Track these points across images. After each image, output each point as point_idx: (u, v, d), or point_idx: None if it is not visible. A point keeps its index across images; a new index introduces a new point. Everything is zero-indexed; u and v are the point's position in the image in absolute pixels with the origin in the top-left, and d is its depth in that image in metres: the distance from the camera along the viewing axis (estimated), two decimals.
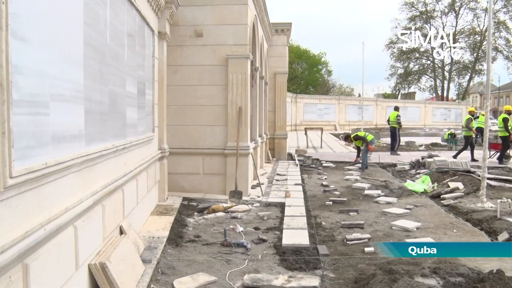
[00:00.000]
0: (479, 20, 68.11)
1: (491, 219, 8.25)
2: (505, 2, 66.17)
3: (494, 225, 7.93)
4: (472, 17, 70.93)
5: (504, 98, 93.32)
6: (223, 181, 10.01)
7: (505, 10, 66.76)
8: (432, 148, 24.01)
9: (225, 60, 9.91)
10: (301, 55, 65.57)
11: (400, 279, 4.42)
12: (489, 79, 10.44)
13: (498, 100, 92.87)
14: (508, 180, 11.96)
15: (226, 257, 5.88)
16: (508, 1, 66.04)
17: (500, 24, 66.72)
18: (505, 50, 68.29)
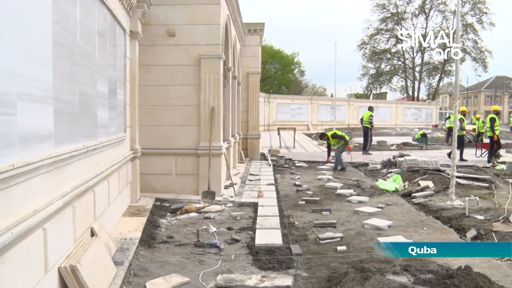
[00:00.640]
0: (448, 22, 69.60)
1: (460, 217, 8.44)
2: (472, 5, 67.80)
3: (463, 223, 8.12)
4: (442, 19, 72.34)
5: (472, 98, 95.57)
6: (196, 181, 9.96)
7: (472, 13, 68.44)
8: (403, 147, 24.36)
9: (198, 60, 9.86)
10: (274, 55, 65.75)
11: (372, 277, 4.47)
12: (457, 80, 10.66)
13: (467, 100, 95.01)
14: (476, 178, 12.23)
15: (199, 258, 5.85)
16: (475, 4, 67.69)
17: (468, 27, 68.32)
18: (472, 52, 69.99)
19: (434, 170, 13.15)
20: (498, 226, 7.61)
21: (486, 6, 67.92)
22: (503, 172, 14.22)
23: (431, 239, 6.89)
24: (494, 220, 8.02)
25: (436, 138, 29.30)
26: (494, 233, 7.30)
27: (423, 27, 72.32)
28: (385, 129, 43.06)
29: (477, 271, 4.82)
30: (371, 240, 6.80)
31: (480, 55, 70.11)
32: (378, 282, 4.34)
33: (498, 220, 7.98)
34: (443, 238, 6.99)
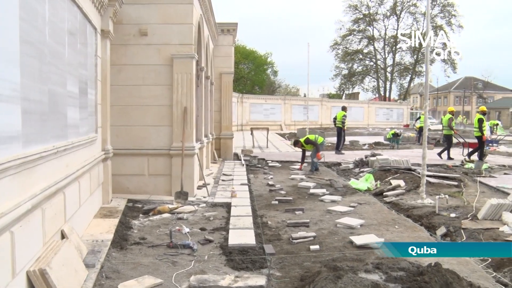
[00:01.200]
0: (418, 24, 70.94)
1: (430, 215, 8.60)
2: (441, 8, 69.18)
3: (433, 220, 8.28)
4: (412, 20, 73.58)
5: (442, 98, 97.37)
6: (168, 182, 9.89)
7: (441, 15, 69.82)
8: (375, 147, 24.65)
9: (170, 59, 9.79)
10: (248, 55, 65.74)
11: (344, 275, 4.51)
12: (427, 81, 10.86)
13: (437, 101, 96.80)
14: (446, 177, 12.47)
15: (172, 259, 5.81)
16: (444, 7, 69.09)
17: (438, 29, 69.54)
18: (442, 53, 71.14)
19: (405, 169, 13.35)
20: (466, 224, 7.78)
21: (455, 9, 69.50)
22: (471, 170, 14.53)
23: (402, 237, 7.00)
24: (463, 217, 8.20)
25: (407, 137, 29.75)
26: (463, 230, 7.47)
27: (395, 28, 73.57)
28: (358, 129, 43.53)
29: (447, 267, 4.93)
30: (343, 239, 6.87)
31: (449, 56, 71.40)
32: (350, 281, 4.38)
33: (467, 217, 8.16)
34: (414, 236, 7.10)
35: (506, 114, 75.44)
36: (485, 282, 5.10)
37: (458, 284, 4.53)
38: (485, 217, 8.03)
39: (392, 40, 73.45)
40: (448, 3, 69.13)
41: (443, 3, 69.23)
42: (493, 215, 7.98)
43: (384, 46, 74.57)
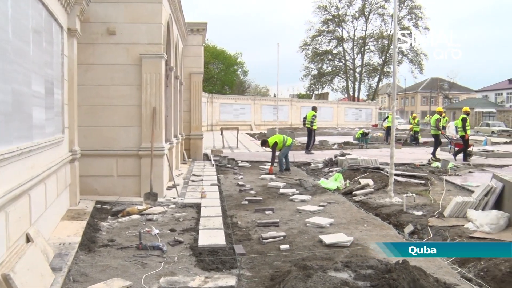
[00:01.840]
0: (386, 25, 72.14)
1: (398, 213, 8.76)
2: (408, 10, 70.49)
3: (401, 219, 8.43)
4: (380, 22, 74.81)
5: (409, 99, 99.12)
6: (137, 183, 9.77)
7: (409, 17, 71.14)
8: (344, 146, 24.91)
9: (139, 59, 9.68)
10: (217, 55, 65.63)
11: (314, 274, 4.54)
12: (395, 81, 11.03)
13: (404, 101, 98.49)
14: (413, 176, 12.70)
15: (141, 261, 5.74)
16: (411, 9, 70.41)
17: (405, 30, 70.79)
18: (409, 54, 72.70)
19: (374, 169, 13.55)
20: (433, 221, 7.95)
21: (422, 11, 70.94)
22: (438, 169, 14.84)
23: (370, 236, 7.09)
24: (430, 215, 8.38)
25: (375, 137, 30.19)
26: (429, 228, 7.63)
27: (363, 29, 74.65)
28: (327, 129, 43.89)
29: (414, 264, 5.02)
30: (313, 238, 6.92)
31: (416, 57, 72.95)
32: (320, 279, 4.42)
33: (433, 215, 8.34)
34: (382, 234, 7.21)
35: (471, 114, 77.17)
36: (450, 278, 5.23)
37: (425, 280, 4.62)
38: (451, 214, 8.22)
39: (361, 41, 74.48)
40: (415, 5, 70.58)
41: (410, 5, 70.60)
42: (459, 213, 8.18)
43: (353, 47, 75.59)
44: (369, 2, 72.44)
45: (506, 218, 7.43)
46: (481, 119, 71.63)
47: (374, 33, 74.33)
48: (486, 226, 7.27)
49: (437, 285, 4.70)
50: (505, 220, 7.39)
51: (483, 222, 7.37)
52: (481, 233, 7.15)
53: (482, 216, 7.58)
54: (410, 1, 70.03)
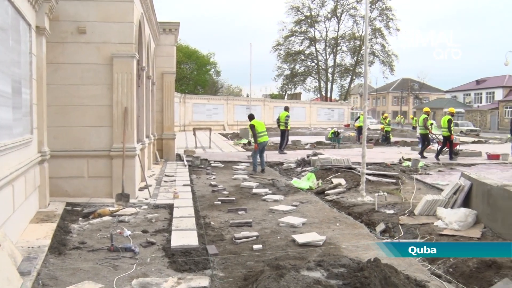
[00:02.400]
0: (358, 26, 72.93)
1: (370, 212, 8.88)
2: (380, 11, 71.41)
3: (373, 217, 8.55)
4: (352, 23, 75.55)
5: (381, 99, 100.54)
6: (109, 184, 9.65)
7: (380, 18, 72.06)
8: (316, 146, 25.08)
9: (110, 59, 9.56)
10: (190, 55, 65.32)
11: (287, 273, 4.56)
12: (366, 81, 11.16)
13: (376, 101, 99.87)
14: (384, 175, 12.87)
15: (113, 263, 5.67)
16: (382, 10, 71.34)
17: (376, 31, 71.84)
18: (381, 55, 73.79)
19: (346, 168, 13.68)
20: (404, 219, 8.08)
21: (393, 13, 71.90)
22: (408, 168, 15.07)
23: (343, 235, 7.16)
24: (401, 213, 8.52)
25: (347, 137, 30.51)
26: (400, 226, 7.76)
27: (335, 30, 75.32)
28: (300, 129, 44.10)
29: (386, 262, 5.09)
30: (286, 238, 6.95)
31: (388, 58, 73.99)
32: (293, 279, 4.44)
33: (404, 213, 8.49)
34: (354, 233, 7.29)
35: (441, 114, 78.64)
36: (421, 275, 5.33)
37: (396, 278, 4.69)
38: (421, 212, 8.37)
39: (333, 42, 75.09)
40: (386, 7, 71.49)
41: (381, 7, 71.48)
42: (429, 211, 8.34)
43: (325, 47, 76.14)
44: (341, 3, 73.17)
45: (474, 215, 7.61)
46: None
47: (346, 34, 75.12)
48: (455, 223, 7.43)
49: (408, 282, 4.77)
50: (473, 217, 7.57)
51: (452, 220, 7.52)
52: (450, 230, 7.31)
53: (451, 214, 7.74)
54: (382, 2, 71.01)
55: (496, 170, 15.25)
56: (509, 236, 6.76)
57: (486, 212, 7.57)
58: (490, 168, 15.81)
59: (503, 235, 6.90)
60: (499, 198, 7.22)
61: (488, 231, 7.19)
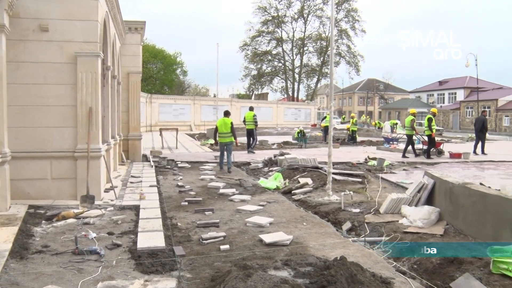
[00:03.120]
0: (324, 27, 73.64)
1: (336, 211, 8.99)
2: (346, 12, 72.33)
3: (339, 216, 8.66)
4: (319, 24, 76.23)
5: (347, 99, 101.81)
6: (73, 185, 9.45)
7: (346, 19, 73.00)
8: (283, 146, 25.21)
9: (74, 58, 9.37)
10: (156, 54, 64.84)
11: (254, 273, 4.57)
12: (332, 82, 11.27)
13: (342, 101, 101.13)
14: (351, 174, 13.03)
15: (78, 266, 5.56)
16: (348, 12, 72.28)
17: (343, 32, 72.74)
18: (347, 56, 74.66)
19: (313, 168, 13.80)
20: (369, 218, 8.20)
21: (358, 14, 72.93)
22: (374, 167, 15.30)
23: (310, 234, 7.21)
24: (367, 212, 8.65)
25: (314, 136, 30.77)
26: (366, 225, 7.88)
27: (302, 31, 75.92)
28: (267, 129, 44.26)
29: (352, 260, 5.16)
30: (253, 238, 6.96)
31: (353, 59, 74.99)
32: (260, 278, 4.45)
33: (370, 212, 8.62)
34: (321, 232, 7.35)
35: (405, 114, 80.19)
36: (386, 272, 5.42)
37: (362, 276, 4.76)
38: (386, 211, 8.51)
39: (300, 42, 75.63)
40: (352, 8, 72.46)
41: (347, 8, 72.40)
42: (394, 209, 8.49)
43: (292, 47, 76.63)
44: (308, 4, 73.84)
45: (437, 213, 7.79)
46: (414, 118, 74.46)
47: (313, 35, 75.79)
48: (419, 221, 7.58)
49: (373, 280, 4.85)
50: (436, 214, 7.74)
51: (416, 218, 7.68)
52: (414, 228, 7.45)
53: (415, 211, 7.90)
54: (348, 4, 71.91)
55: (458, 169, 15.66)
56: (470, 232, 6.96)
57: (448, 210, 7.76)
58: (452, 167, 16.21)
59: (464, 231, 7.10)
60: (461, 195, 7.41)
61: (450, 228, 7.37)
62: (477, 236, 6.77)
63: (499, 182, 10.80)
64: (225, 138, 15.06)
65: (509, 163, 17.70)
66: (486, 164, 17.29)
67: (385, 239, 7.11)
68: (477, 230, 6.87)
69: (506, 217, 6.26)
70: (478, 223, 6.87)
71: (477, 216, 6.91)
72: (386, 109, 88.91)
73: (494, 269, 5.14)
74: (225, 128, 15.03)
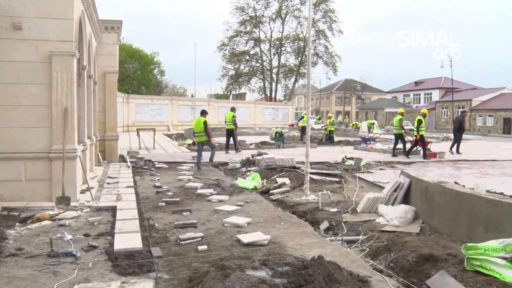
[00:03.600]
0: (302, 27, 73.97)
1: (314, 210, 9.02)
2: (323, 13, 72.74)
3: (317, 216, 8.69)
4: (297, 24, 76.41)
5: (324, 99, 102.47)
6: (48, 187, 9.31)
7: (323, 20, 73.40)
8: (261, 146, 25.25)
9: (49, 57, 9.23)
10: (133, 54, 64.33)
11: (232, 274, 4.56)
12: (309, 82, 11.32)
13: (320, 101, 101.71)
14: (328, 174, 13.11)
15: (53, 269, 5.47)
16: (326, 12, 72.72)
17: (320, 33, 73.14)
18: (324, 56, 75.09)
19: (290, 168, 13.84)
20: (347, 217, 8.26)
21: (336, 15, 73.38)
22: (351, 167, 15.43)
23: (287, 233, 7.23)
24: (344, 211, 8.71)
25: (292, 136, 30.88)
26: (344, 224, 7.93)
27: (280, 31, 76.09)
28: (245, 129, 44.22)
29: (329, 259, 5.20)
30: (231, 238, 6.95)
31: (331, 59, 75.45)
32: (238, 278, 4.44)
33: (347, 211, 8.68)
34: (299, 232, 7.37)
35: (382, 114, 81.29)
36: (363, 270, 5.47)
37: (340, 274, 4.79)
38: (363, 210, 8.59)
39: (278, 42, 75.81)
40: (330, 9, 72.88)
41: (325, 9, 72.79)
42: (370, 208, 8.57)
43: (270, 48, 76.76)
44: (286, 4, 73.99)
45: (413, 211, 7.90)
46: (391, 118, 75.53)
47: (291, 35, 76.05)
48: (396, 220, 7.67)
49: (351, 278, 4.89)
50: (412, 213, 7.85)
51: (393, 216, 7.77)
52: (391, 226, 7.54)
53: (391, 210, 7.99)
54: (325, 4, 72.31)
55: (434, 168, 15.90)
56: (445, 230, 7.08)
57: (424, 208, 7.87)
58: (428, 166, 16.46)
59: (440, 229, 7.21)
60: (436, 194, 7.52)
61: (426, 226, 7.48)
62: (452, 234, 6.90)
63: (473, 181, 11.01)
64: (199, 137, 15.66)
65: (483, 162, 18.04)
66: (461, 163, 17.59)
67: (362, 238, 7.17)
68: (451, 228, 6.99)
69: (480, 215, 6.39)
70: (453, 221, 6.99)
71: (451, 215, 7.03)
72: (363, 109, 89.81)
73: (468, 266, 5.22)
74: (198, 127, 15.58)
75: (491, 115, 59.48)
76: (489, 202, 6.30)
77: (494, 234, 5.85)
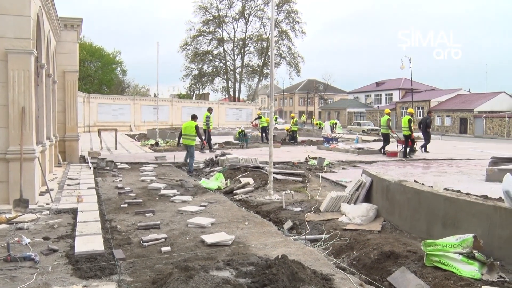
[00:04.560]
0: (265, 28, 74.15)
1: (278, 210, 9.06)
2: (286, 14, 73.20)
3: (280, 215, 8.73)
4: (260, 25, 76.62)
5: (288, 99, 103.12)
6: (5, 189, 9.02)
7: (286, 21, 73.85)
8: (225, 146, 25.22)
9: (5, 55, 8.94)
10: (94, 53, 63.25)
11: (196, 274, 4.53)
12: (272, 82, 11.35)
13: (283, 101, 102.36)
14: (291, 173, 13.19)
15: (10, 274, 5.29)
16: (289, 13, 73.17)
17: (283, 33, 73.56)
18: (287, 56, 75.52)
19: (254, 167, 13.87)
20: (310, 216, 8.32)
21: (298, 16, 73.86)
22: (314, 167, 15.56)
23: (251, 233, 7.24)
24: (307, 211, 8.78)
25: (255, 136, 30.97)
26: (307, 223, 7.99)
27: (243, 31, 76.14)
28: None
29: (293, 258, 5.22)
30: (195, 239, 6.90)
31: (294, 60, 75.94)
32: (202, 279, 4.41)
33: (311, 210, 8.75)
34: (262, 231, 7.39)
35: (344, 114, 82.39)
36: (326, 269, 5.52)
37: (303, 273, 4.83)
38: (326, 209, 8.67)
39: (241, 43, 75.82)
40: (292, 10, 73.33)
41: (288, 10, 73.21)
42: (333, 207, 8.66)
43: (233, 48, 76.67)
44: (249, 4, 74.04)
45: (375, 209, 8.03)
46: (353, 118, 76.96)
47: (254, 35, 76.17)
48: (358, 218, 7.77)
49: (314, 277, 4.93)
50: (373, 211, 7.97)
51: (355, 215, 7.87)
52: (353, 225, 7.64)
53: (354, 209, 8.10)
54: (288, 5, 72.74)
55: (394, 167, 16.20)
56: (405, 228, 7.23)
57: (385, 206, 8.01)
58: (388, 165, 16.77)
59: (400, 227, 7.36)
60: (396, 192, 7.67)
61: (387, 224, 7.62)
62: (412, 231, 7.04)
63: (432, 180, 11.26)
64: (187, 140, 15.67)
65: (441, 161, 18.51)
66: (420, 162, 18.00)
67: (325, 236, 7.24)
68: (411, 225, 7.14)
69: (438, 213, 6.55)
70: (413, 219, 7.14)
71: (411, 212, 7.18)
72: (326, 109, 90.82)
73: (427, 262, 5.35)
74: (189, 131, 15.63)
75: (448, 115, 61.14)
76: (447, 199, 6.47)
77: (452, 230, 6.01)
